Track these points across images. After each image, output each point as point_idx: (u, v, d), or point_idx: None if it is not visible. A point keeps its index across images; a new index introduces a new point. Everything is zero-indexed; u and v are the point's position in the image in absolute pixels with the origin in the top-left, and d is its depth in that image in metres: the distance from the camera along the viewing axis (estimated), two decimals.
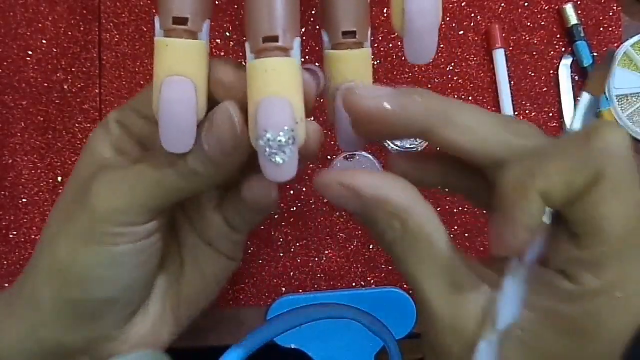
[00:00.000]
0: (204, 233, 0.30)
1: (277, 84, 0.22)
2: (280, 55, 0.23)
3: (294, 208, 0.40)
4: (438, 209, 0.37)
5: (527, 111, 0.42)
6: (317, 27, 0.40)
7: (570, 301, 0.21)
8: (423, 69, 0.41)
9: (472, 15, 0.41)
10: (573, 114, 0.24)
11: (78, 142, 0.39)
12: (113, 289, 0.27)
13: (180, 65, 0.23)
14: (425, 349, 0.25)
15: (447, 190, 0.27)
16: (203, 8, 0.23)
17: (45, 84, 0.38)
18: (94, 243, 0.26)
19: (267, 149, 0.22)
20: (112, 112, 0.29)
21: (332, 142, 0.40)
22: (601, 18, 0.42)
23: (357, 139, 0.26)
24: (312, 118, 0.36)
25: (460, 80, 0.41)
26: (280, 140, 0.22)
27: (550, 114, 0.42)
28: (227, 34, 0.40)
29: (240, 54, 0.40)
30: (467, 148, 0.23)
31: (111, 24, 0.39)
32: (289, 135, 0.22)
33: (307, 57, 0.40)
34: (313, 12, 0.40)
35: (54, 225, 0.28)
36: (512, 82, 0.41)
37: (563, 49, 0.42)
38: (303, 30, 0.39)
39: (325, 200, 0.40)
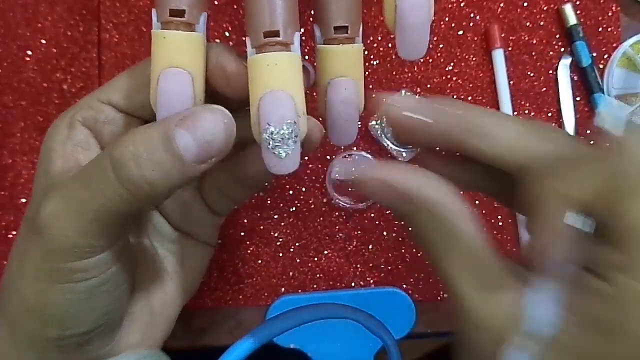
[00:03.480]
0: (181, 222, 0.29)
1: (279, 79, 0.23)
2: (281, 50, 0.23)
3: (294, 208, 0.40)
4: None
5: (526, 111, 0.42)
6: None
7: (607, 303, 0.21)
8: (422, 69, 0.41)
9: (472, 15, 0.42)
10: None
11: None
12: (95, 319, 0.25)
13: (177, 58, 0.23)
14: (461, 344, 0.25)
15: (478, 190, 0.28)
16: (200, 0, 0.24)
17: (45, 84, 0.38)
18: (61, 281, 0.24)
19: (271, 142, 0.22)
20: (79, 108, 0.26)
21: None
22: (600, 18, 0.42)
23: (348, 134, 0.26)
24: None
25: (459, 81, 0.41)
26: (283, 134, 0.22)
27: (550, 114, 0.42)
28: (227, 34, 0.40)
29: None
30: (491, 156, 0.23)
31: (111, 24, 0.39)
32: (291, 128, 0.22)
33: (306, 57, 0.40)
34: (312, 12, 0.40)
35: (13, 263, 0.25)
36: (512, 83, 0.41)
37: (562, 49, 0.42)
38: (302, 30, 0.39)
39: (324, 200, 0.40)
